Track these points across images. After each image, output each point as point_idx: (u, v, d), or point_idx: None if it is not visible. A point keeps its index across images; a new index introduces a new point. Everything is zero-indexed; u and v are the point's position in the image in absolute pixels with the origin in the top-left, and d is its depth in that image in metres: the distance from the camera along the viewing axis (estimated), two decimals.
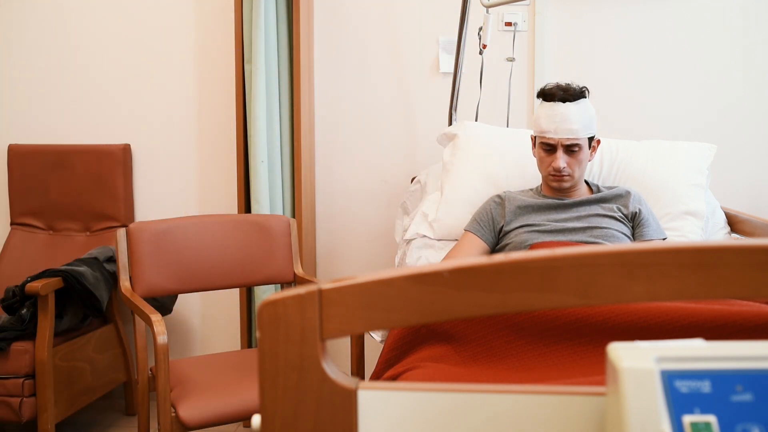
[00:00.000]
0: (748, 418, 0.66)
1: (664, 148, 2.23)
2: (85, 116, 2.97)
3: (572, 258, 0.74)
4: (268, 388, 0.79)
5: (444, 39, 2.77)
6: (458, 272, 0.75)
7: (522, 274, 0.75)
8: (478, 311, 0.76)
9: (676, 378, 0.69)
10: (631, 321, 1.10)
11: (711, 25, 2.74)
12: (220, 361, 2.23)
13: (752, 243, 0.73)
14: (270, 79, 2.63)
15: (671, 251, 0.74)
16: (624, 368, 0.69)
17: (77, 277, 2.39)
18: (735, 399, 0.67)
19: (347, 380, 0.78)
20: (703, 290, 0.74)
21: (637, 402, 0.67)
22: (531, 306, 0.76)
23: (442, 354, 1.40)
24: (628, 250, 0.74)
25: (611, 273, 0.74)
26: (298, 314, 0.78)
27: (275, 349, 0.78)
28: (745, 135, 2.75)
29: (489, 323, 1.33)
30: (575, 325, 1.16)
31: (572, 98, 1.94)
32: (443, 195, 2.20)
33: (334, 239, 2.93)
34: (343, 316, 0.77)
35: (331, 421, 0.78)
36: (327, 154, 2.90)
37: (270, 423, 0.80)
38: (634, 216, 1.94)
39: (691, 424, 0.66)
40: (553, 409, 0.75)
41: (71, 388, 2.47)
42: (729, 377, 0.68)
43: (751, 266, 0.73)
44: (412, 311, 0.76)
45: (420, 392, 0.78)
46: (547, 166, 1.96)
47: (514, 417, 0.76)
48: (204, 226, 2.24)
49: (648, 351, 0.71)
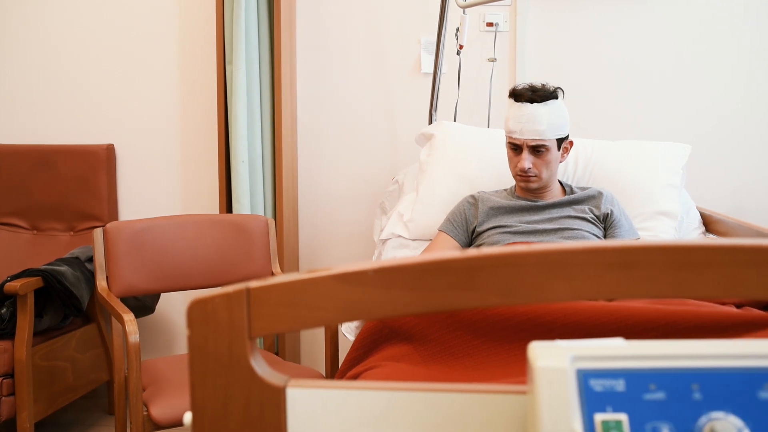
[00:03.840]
0: (659, 417, 0.67)
1: (638, 149, 2.23)
2: (69, 116, 2.98)
3: (494, 257, 0.75)
4: (198, 386, 0.80)
5: (425, 39, 2.78)
6: (383, 271, 0.76)
7: (445, 273, 0.75)
8: (403, 310, 0.77)
9: (591, 377, 0.69)
10: (579, 320, 1.10)
11: (690, 26, 2.74)
12: None
13: (672, 243, 0.73)
14: (251, 79, 2.63)
15: (592, 251, 0.74)
16: (538, 367, 0.70)
17: (57, 276, 2.40)
18: (648, 398, 0.68)
19: (276, 378, 0.79)
20: (624, 289, 0.74)
21: (550, 400, 0.68)
22: (455, 305, 0.76)
23: (403, 353, 1.41)
24: (549, 250, 0.74)
25: (533, 272, 0.74)
26: (227, 313, 0.78)
27: (205, 347, 0.79)
28: (724, 135, 2.76)
29: (447, 323, 1.33)
30: (527, 324, 1.16)
31: (540, 99, 1.93)
32: (418, 195, 2.21)
33: (316, 239, 2.94)
34: (270, 314, 0.78)
35: (260, 418, 0.79)
36: (310, 155, 2.90)
37: (200, 420, 0.80)
38: (606, 217, 1.94)
39: (602, 422, 0.67)
40: (479, 407, 0.76)
41: (51, 387, 2.47)
42: (643, 376, 0.69)
43: (672, 266, 0.73)
44: (338, 310, 0.77)
45: (348, 390, 0.78)
46: (514, 166, 1.97)
47: (441, 415, 0.76)
48: (181, 226, 2.24)
49: (566, 350, 0.72)
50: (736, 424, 0.66)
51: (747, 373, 0.68)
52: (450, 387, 0.76)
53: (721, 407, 0.67)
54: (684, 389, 0.68)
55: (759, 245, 0.73)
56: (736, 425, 0.66)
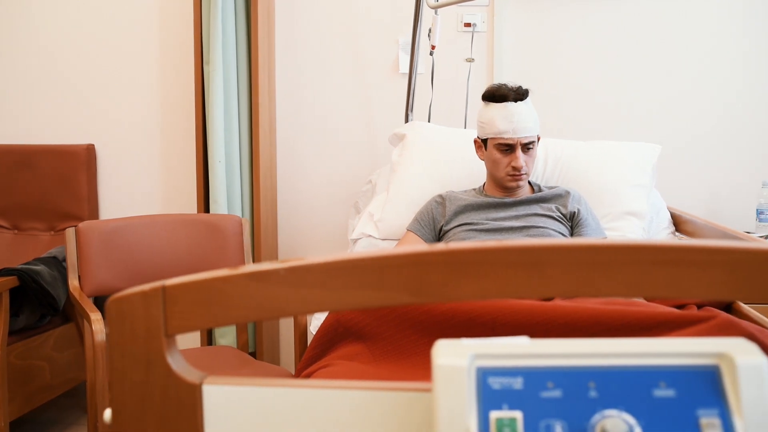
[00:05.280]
0: (553, 414, 0.67)
1: (608, 149, 2.24)
2: (49, 117, 2.99)
3: (402, 257, 0.76)
4: (116, 383, 0.81)
5: (404, 40, 2.79)
6: (294, 270, 0.77)
7: (355, 272, 0.76)
8: (314, 308, 0.78)
9: (490, 375, 0.70)
10: (517, 319, 1.11)
11: (666, 26, 2.75)
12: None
13: (577, 243, 0.74)
14: (228, 79, 2.64)
15: (499, 250, 0.75)
16: (437, 365, 0.70)
17: (33, 276, 2.41)
18: (544, 395, 0.69)
19: (192, 375, 0.80)
20: (531, 288, 0.75)
21: (448, 397, 0.69)
22: (365, 304, 0.77)
23: (356, 352, 1.42)
24: (456, 249, 0.75)
25: (440, 271, 0.75)
26: (143, 310, 0.79)
27: (122, 345, 0.80)
28: (700, 136, 2.76)
29: (397, 322, 1.34)
30: (469, 324, 1.17)
31: (522, 97, 1.96)
32: (389, 195, 2.22)
33: (296, 239, 2.95)
34: (185, 312, 0.79)
35: (177, 415, 0.80)
36: (289, 155, 2.91)
37: (119, 417, 0.81)
38: (573, 216, 1.95)
39: (497, 419, 0.67)
40: (389, 404, 0.77)
41: (27, 386, 2.48)
42: (541, 374, 0.70)
43: (577, 265, 0.74)
44: (251, 308, 0.78)
45: (264, 388, 0.79)
46: (506, 166, 1.95)
47: (354, 412, 0.77)
48: (154, 225, 2.26)
49: (468, 348, 0.72)
50: (628, 421, 0.66)
51: (643, 372, 0.69)
52: (360, 384, 0.77)
53: (616, 405, 0.68)
54: (581, 387, 0.69)
55: (663, 245, 0.74)
56: (628, 423, 0.66)
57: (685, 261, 0.74)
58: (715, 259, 0.74)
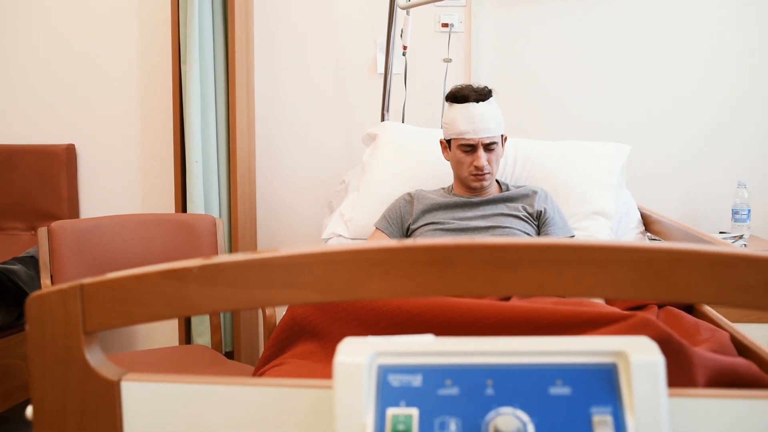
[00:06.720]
0: (449, 412, 0.68)
1: (576, 149, 2.24)
2: (29, 117, 3.00)
3: (312, 256, 0.77)
4: (37, 380, 0.82)
5: (382, 40, 2.79)
6: (206, 269, 0.78)
7: (266, 270, 0.77)
8: (227, 306, 0.79)
9: (390, 372, 0.71)
10: (454, 317, 1.12)
11: (640, 27, 2.75)
12: (150, 357, 2.25)
13: (485, 242, 0.75)
14: (205, 80, 2.65)
15: (406, 249, 0.76)
16: (337, 362, 0.72)
17: (9, 275, 2.42)
18: (442, 393, 0.69)
19: (111, 372, 0.81)
20: (437, 287, 0.76)
21: (347, 394, 0.70)
22: (276, 302, 0.78)
23: (310, 351, 1.43)
24: (364, 248, 0.76)
25: (349, 270, 0.76)
26: (62, 308, 0.80)
27: (42, 342, 0.81)
28: (676, 136, 2.77)
29: (347, 320, 1.35)
30: (411, 321, 1.18)
31: (484, 98, 1.96)
32: (359, 194, 2.23)
33: (275, 239, 2.96)
34: (103, 310, 0.80)
35: (97, 411, 0.81)
36: (267, 155, 2.92)
37: (40, 413, 0.82)
38: (540, 215, 1.95)
39: (393, 416, 0.68)
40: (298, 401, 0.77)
41: (5, 385, 2.50)
42: (440, 372, 0.71)
43: (485, 264, 0.75)
44: (165, 306, 0.79)
45: (182, 384, 0.80)
46: (468, 165, 1.97)
47: (264, 408, 0.78)
48: (126, 225, 2.27)
49: (371, 346, 0.73)
50: (522, 418, 0.67)
51: (540, 370, 0.70)
52: (268, 382, 0.78)
53: (512, 403, 0.68)
54: (478, 385, 0.70)
55: (568, 244, 0.75)
56: (521, 420, 0.67)
57: (591, 260, 0.75)
58: (619, 259, 0.74)
